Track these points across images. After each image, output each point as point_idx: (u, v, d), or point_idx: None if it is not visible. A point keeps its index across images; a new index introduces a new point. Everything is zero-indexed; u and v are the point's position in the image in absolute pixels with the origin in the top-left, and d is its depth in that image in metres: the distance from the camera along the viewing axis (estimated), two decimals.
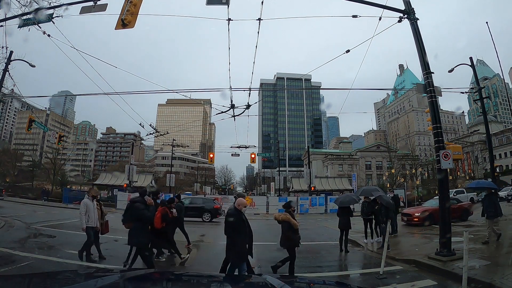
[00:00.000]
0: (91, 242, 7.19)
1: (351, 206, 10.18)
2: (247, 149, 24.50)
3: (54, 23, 9.66)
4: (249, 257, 5.23)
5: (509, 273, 5.53)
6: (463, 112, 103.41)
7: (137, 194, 6.37)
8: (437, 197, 9.45)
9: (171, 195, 15.82)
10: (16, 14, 9.94)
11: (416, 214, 14.16)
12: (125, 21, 8.40)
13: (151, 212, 6.12)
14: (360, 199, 11.01)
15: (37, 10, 9.61)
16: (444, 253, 6.99)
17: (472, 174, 48.59)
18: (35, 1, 9.86)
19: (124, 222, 6.18)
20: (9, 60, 13.24)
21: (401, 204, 21.50)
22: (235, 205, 5.17)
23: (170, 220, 7.32)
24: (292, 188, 48.39)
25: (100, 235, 7.91)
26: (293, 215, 6.58)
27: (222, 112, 11.76)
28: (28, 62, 14.72)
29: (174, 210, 7.85)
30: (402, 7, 8.28)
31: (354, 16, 9.11)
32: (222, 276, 2.90)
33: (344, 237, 9.12)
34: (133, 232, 5.78)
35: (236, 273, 4.69)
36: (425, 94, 8.14)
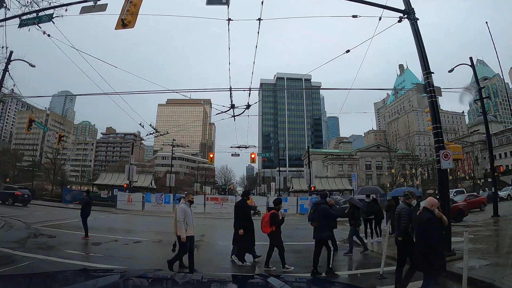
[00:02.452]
0: (185, 252, 6.42)
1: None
2: (247, 149, 24.52)
3: (54, 23, 9.67)
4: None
5: (509, 273, 5.53)
6: (462, 112, 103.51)
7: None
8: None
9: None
10: (16, 14, 9.95)
11: None
12: (125, 21, 8.40)
13: (334, 211, 7.13)
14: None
15: (38, 11, 9.63)
16: (444, 253, 6.98)
17: (472, 174, 48.59)
18: (35, 1, 9.87)
19: (312, 221, 6.92)
20: (9, 60, 13.25)
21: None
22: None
23: (280, 223, 7.08)
24: (292, 188, 48.38)
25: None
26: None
27: (222, 112, 11.78)
28: (28, 62, 14.72)
29: (282, 211, 7.55)
30: (402, 7, 8.28)
31: (354, 16, 9.11)
32: (222, 276, 2.90)
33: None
34: (319, 229, 6.66)
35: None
36: (425, 94, 8.14)
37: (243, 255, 7.35)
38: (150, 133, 22.32)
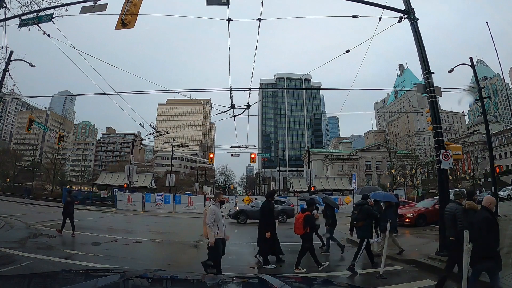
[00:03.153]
0: (219, 256, 6.10)
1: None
2: (247, 149, 24.50)
3: (54, 23, 9.67)
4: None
5: (509, 273, 5.52)
6: (462, 112, 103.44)
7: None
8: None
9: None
10: (16, 14, 9.95)
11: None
12: (125, 21, 8.40)
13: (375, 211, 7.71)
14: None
15: (38, 11, 9.62)
16: (444, 253, 6.98)
17: (472, 174, 48.57)
18: (35, 1, 9.87)
19: (358, 221, 7.29)
20: (9, 60, 13.24)
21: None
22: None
23: (314, 225, 7.16)
24: (292, 188, 48.36)
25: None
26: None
27: (222, 112, 11.78)
28: (28, 62, 14.72)
29: (315, 212, 7.69)
30: (402, 7, 8.28)
31: (354, 16, 9.11)
32: (222, 276, 2.90)
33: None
34: (364, 228, 7.10)
35: None
36: (425, 94, 8.14)
37: (267, 257, 7.32)
38: (150, 133, 22.31)
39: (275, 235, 7.54)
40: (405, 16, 8.20)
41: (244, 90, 11.33)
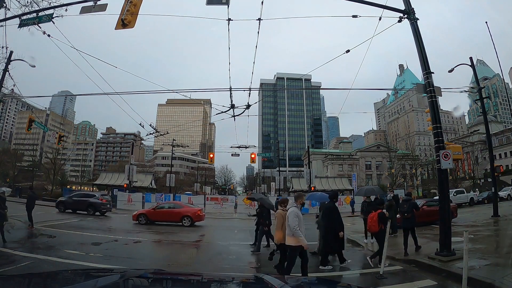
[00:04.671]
0: (294, 263, 5.62)
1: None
2: (247, 149, 24.48)
3: (54, 23, 9.66)
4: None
5: (509, 273, 5.53)
6: (463, 112, 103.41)
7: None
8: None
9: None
10: (16, 14, 9.95)
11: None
12: (125, 21, 8.40)
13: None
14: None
15: (38, 11, 9.62)
16: (444, 253, 6.98)
17: (472, 174, 48.58)
18: (35, 1, 9.87)
19: (407, 213, 8.20)
20: (9, 60, 13.24)
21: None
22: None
23: (386, 221, 7.26)
24: (292, 188, 48.35)
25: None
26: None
27: (222, 112, 11.76)
28: (28, 62, 14.71)
29: (384, 211, 7.98)
30: (402, 7, 8.27)
31: (354, 16, 9.10)
32: (221, 276, 2.90)
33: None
34: (411, 219, 8.11)
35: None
36: (425, 94, 8.13)
37: (327, 258, 7.37)
38: (150, 133, 22.30)
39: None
40: (405, 16, 8.19)
41: (244, 90, 11.33)
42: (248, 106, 11.56)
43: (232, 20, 8.48)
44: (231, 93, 10.78)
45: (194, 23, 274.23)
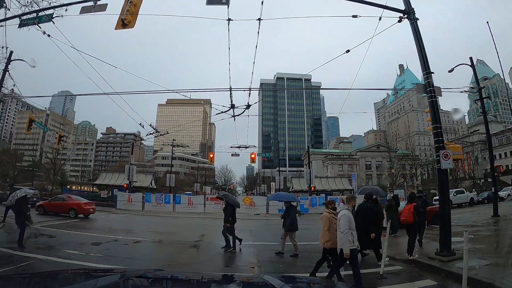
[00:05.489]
0: (341, 266, 5.55)
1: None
2: (247, 149, 24.49)
3: (54, 23, 9.66)
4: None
5: (509, 273, 5.53)
6: (463, 113, 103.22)
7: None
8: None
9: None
10: (16, 14, 9.95)
11: None
12: (125, 21, 8.40)
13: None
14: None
15: (38, 11, 9.62)
16: (444, 253, 6.98)
17: (472, 174, 48.56)
18: (35, 1, 9.87)
19: (422, 208, 8.74)
20: (9, 60, 13.24)
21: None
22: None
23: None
24: (292, 188, 48.35)
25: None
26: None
27: (222, 112, 11.77)
28: (28, 62, 14.70)
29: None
30: (402, 7, 8.27)
31: (354, 16, 9.10)
32: (222, 276, 2.90)
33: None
34: (424, 214, 8.69)
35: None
36: (425, 94, 8.13)
37: (377, 254, 7.55)
38: (150, 133, 22.32)
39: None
40: (405, 16, 8.19)
41: (244, 90, 11.33)
42: (248, 106, 11.56)
43: (232, 20, 8.48)
44: (231, 93, 10.79)
45: (194, 23, 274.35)
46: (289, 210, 8.76)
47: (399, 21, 8.26)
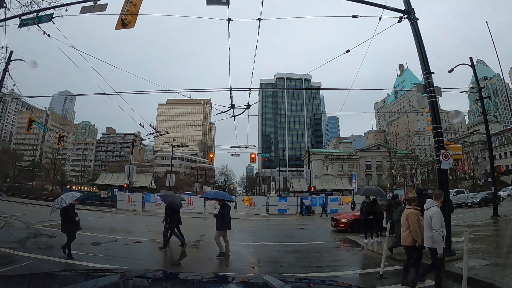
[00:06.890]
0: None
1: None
2: (247, 149, 24.50)
3: (54, 23, 9.66)
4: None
5: (509, 273, 5.52)
6: (463, 114, 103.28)
7: None
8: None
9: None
10: (16, 14, 9.95)
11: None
12: (125, 21, 8.40)
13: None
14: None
15: (38, 11, 9.62)
16: (444, 253, 6.97)
17: (472, 174, 48.55)
18: (35, 1, 9.87)
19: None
20: (9, 60, 13.24)
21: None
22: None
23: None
24: (292, 188, 48.37)
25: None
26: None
27: (222, 112, 11.77)
28: (28, 62, 14.70)
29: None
30: (402, 7, 8.28)
31: (354, 16, 9.10)
32: (222, 276, 2.90)
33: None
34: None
35: None
36: (425, 94, 8.13)
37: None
38: (150, 133, 22.32)
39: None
40: (405, 16, 8.19)
41: (244, 90, 11.33)
42: (248, 106, 11.56)
43: (232, 20, 8.48)
44: (231, 93, 10.79)
45: (194, 23, 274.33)
46: (224, 208, 8.57)
47: (399, 21, 8.26)
